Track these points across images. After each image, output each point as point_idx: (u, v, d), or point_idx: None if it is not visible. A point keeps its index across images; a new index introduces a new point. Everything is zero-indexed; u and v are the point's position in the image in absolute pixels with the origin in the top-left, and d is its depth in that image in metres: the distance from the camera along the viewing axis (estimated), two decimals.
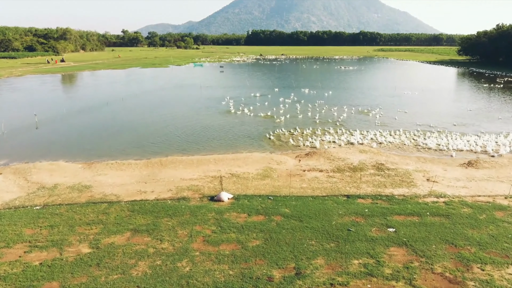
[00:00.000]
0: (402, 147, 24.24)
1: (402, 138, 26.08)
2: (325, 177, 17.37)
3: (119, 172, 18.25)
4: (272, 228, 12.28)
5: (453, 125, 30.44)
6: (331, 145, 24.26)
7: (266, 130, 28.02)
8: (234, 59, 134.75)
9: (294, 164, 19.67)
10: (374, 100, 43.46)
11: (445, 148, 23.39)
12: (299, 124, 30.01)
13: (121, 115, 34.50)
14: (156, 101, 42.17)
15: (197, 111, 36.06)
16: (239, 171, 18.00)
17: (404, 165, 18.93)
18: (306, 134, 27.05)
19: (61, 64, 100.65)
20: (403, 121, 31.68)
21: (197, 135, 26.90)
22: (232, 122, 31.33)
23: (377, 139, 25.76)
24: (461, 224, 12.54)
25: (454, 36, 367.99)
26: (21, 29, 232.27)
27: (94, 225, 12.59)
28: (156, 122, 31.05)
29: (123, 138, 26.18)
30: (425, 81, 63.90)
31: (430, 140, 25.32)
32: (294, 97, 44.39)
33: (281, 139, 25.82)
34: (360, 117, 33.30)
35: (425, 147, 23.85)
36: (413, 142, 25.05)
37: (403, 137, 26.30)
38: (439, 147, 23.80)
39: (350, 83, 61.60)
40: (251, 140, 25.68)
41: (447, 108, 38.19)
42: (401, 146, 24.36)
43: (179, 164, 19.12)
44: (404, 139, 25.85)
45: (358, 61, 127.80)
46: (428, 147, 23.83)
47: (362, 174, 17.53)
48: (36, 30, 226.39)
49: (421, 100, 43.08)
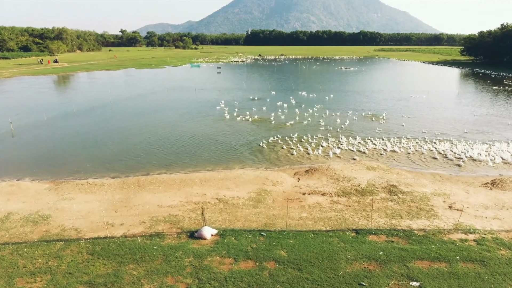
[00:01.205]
0: (413, 159, 21.72)
1: (412, 147, 23.56)
2: (328, 203, 14.76)
3: (88, 196, 15.63)
4: (263, 281, 9.68)
5: (464, 132, 27.94)
6: (334, 157, 21.67)
7: (262, 138, 25.43)
8: (232, 59, 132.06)
9: (293, 185, 17.07)
10: (379, 104, 40.85)
11: (461, 162, 20.88)
12: (298, 131, 27.43)
13: (106, 122, 31.87)
14: (145, 106, 39.55)
15: (189, 117, 33.45)
16: (227, 196, 15.38)
17: (420, 187, 16.32)
18: (306, 142, 24.46)
19: (54, 65, 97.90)
20: (411, 128, 29.08)
21: (185, 146, 24.29)
22: (225, 130, 28.73)
23: (384, 148, 23.21)
24: (501, 274, 9.95)
25: (455, 35, 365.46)
26: (17, 28, 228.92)
27: (39, 275, 9.99)
28: (142, 131, 28.43)
29: (103, 150, 23.56)
30: (429, 83, 61.28)
31: (443, 149, 23.23)
32: (293, 101, 41.80)
33: (278, 150, 23.22)
34: (365, 124, 30.70)
35: (439, 159, 21.35)
36: (424, 153, 22.58)
37: (413, 146, 23.77)
38: (454, 158, 21.51)
39: (352, 86, 58.97)
40: (245, 152, 23.08)
41: (456, 113, 35.60)
42: (412, 157, 21.82)
43: (159, 186, 16.50)
44: (414, 149, 23.33)
45: (359, 62, 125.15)
46: (442, 158, 21.35)
47: (372, 199, 14.94)
48: (32, 30, 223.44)
49: (429, 105, 40.49)
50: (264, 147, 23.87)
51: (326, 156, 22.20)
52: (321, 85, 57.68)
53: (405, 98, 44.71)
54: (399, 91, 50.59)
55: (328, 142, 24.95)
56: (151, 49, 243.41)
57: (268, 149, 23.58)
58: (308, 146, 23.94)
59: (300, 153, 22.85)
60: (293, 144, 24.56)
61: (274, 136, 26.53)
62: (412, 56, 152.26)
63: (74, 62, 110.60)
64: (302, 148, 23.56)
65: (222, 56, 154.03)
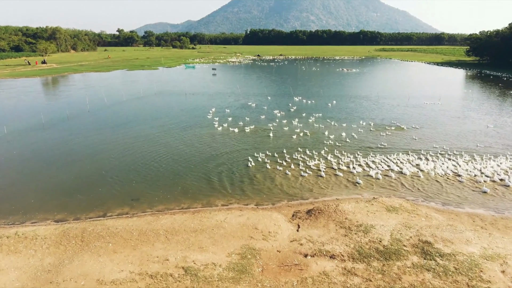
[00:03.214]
0: (441, 185, 17.58)
1: (437, 168, 19.48)
2: (340, 274, 10.47)
3: (8, 259, 11.32)
4: None
5: (488, 147, 23.68)
6: (342, 186, 17.38)
7: (254, 157, 21.14)
8: (229, 60, 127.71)
9: (290, 237, 12.78)
10: (389, 112, 36.55)
11: (500, 192, 16.73)
12: (298, 146, 23.14)
13: (75, 137, 27.50)
14: (126, 115, 35.20)
15: (173, 130, 29.14)
16: (199, 261, 11.06)
17: (463, 244, 12.02)
18: (307, 161, 20.18)
19: (42, 66, 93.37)
20: (430, 140, 24.77)
21: (161, 172, 19.97)
22: (212, 147, 24.42)
23: (403, 172, 18.98)
24: None
25: (456, 35, 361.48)
26: (11, 28, 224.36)
27: None
28: (114, 149, 24.09)
29: (59, 178, 19.22)
30: (439, 87, 57.00)
31: (468, 168, 19.36)
32: (291, 109, 37.50)
33: (272, 174, 18.93)
34: (377, 136, 26.35)
35: (468, 185, 17.22)
36: (449, 174, 18.76)
37: (439, 166, 19.66)
38: (484, 180, 17.84)
39: (355, 90, 54.58)
40: (233, 179, 18.79)
41: (477, 123, 31.30)
42: (439, 183, 17.64)
43: (109, 242, 12.17)
44: (440, 169, 19.26)
45: (360, 62, 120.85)
46: (470, 183, 17.23)
47: (401, 268, 10.65)
48: (27, 29, 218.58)
49: (447, 112, 36.21)
50: (256, 171, 19.59)
51: (331, 183, 17.93)
52: (322, 89, 53.36)
53: (418, 105, 40.39)
54: (408, 96, 46.28)
55: (333, 162, 20.66)
56: (148, 48, 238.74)
57: (261, 174, 19.30)
58: (308, 168, 19.64)
59: (299, 178, 18.58)
60: (290, 167, 20.25)
61: (269, 153, 22.25)
62: (415, 57, 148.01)
63: (64, 63, 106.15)
64: (303, 171, 19.27)
65: (220, 56, 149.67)
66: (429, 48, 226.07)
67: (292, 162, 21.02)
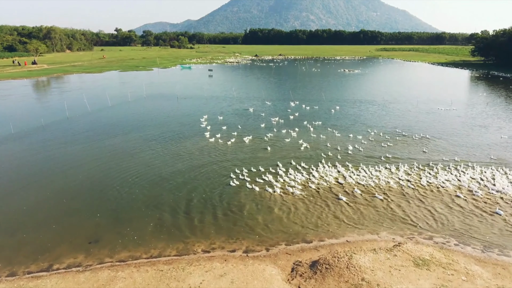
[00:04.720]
0: (472, 216, 14.15)
1: (463, 190, 15.94)
2: None
3: None
4: None
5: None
6: (351, 222, 13.99)
7: (245, 180, 17.76)
8: (227, 60, 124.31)
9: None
10: (400, 118, 33.15)
11: None
12: (298, 160, 19.76)
13: (43, 150, 24.06)
14: (108, 123, 31.76)
15: (156, 142, 25.73)
16: None
17: None
18: (308, 184, 16.80)
19: (31, 66, 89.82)
20: (455, 154, 21.36)
21: (131, 199, 16.56)
22: (198, 165, 21.00)
23: (432, 210, 15.56)
24: None
25: (457, 34, 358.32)
26: (6, 27, 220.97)
27: None
28: (82, 166, 20.68)
29: (6, 213, 15.82)
30: (448, 90, 53.64)
31: (501, 189, 15.52)
32: (291, 116, 34.11)
33: (265, 201, 15.55)
34: (392, 149, 22.92)
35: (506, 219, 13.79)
36: (480, 196, 15.22)
37: (465, 188, 16.14)
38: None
39: (359, 93, 51.11)
40: (217, 211, 15.40)
41: (497, 134, 27.92)
42: (468, 212, 14.19)
43: None
44: (468, 192, 15.74)
45: (362, 63, 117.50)
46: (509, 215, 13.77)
47: None
48: (23, 28, 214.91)
49: (465, 120, 32.84)
50: (248, 199, 16.21)
51: (338, 214, 14.53)
52: (323, 92, 49.91)
53: (431, 110, 37.00)
54: (416, 100, 42.88)
55: (338, 184, 17.27)
56: (145, 48, 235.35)
57: (254, 203, 15.93)
58: (310, 193, 16.25)
59: (299, 207, 15.20)
60: (288, 192, 16.85)
61: (264, 172, 18.84)
62: (417, 57, 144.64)
63: (56, 63, 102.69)
64: (304, 198, 15.87)
65: (218, 56, 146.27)
66: (430, 48, 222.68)
67: (291, 185, 17.63)
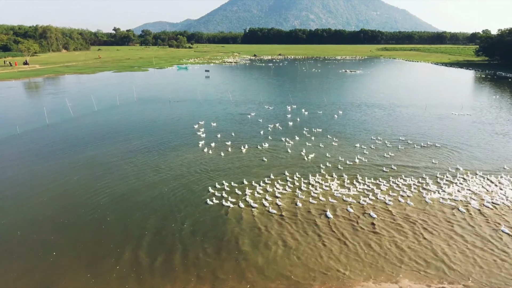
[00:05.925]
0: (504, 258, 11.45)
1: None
2: None
3: None
4: None
5: None
6: (360, 258, 11.31)
7: (239, 206, 15.09)
8: (226, 60, 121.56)
9: None
10: (409, 123, 30.46)
11: None
12: (300, 176, 17.08)
13: (11, 164, 21.35)
14: (90, 131, 29.01)
15: (140, 154, 23.01)
16: None
17: None
18: (310, 211, 14.14)
19: (23, 67, 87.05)
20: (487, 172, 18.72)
21: (99, 231, 13.86)
22: (186, 184, 18.29)
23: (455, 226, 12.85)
24: None
25: (458, 34, 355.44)
26: (3, 26, 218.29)
27: None
28: (51, 184, 17.99)
29: None
30: (457, 92, 50.99)
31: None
32: (290, 122, 31.41)
33: (263, 236, 12.88)
34: (407, 159, 20.22)
35: None
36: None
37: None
38: None
39: (362, 96, 48.30)
40: (201, 250, 12.72)
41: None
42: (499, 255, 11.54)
43: None
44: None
45: (363, 62, 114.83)
46: None
47: None
48: (19, 28, 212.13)
49: (484, 127, 30.17)
50: (243, 231, 13.53)
51: (351, 256, 11.88)
52: (324, 95, 47.17)
53: (446, 116, 34.33)
54: (425, 104, 40.16)
55: (348, 202, 14.60)
56: (143, 48, 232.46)
57: (250, 237, 13.26)
58: (315, 225, 13.58)
59: (303, 241, 12.54)
60: (289, 223, 14.17)
61: (260, 184, 16.14)
62: (419, 56, 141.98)
63: (50, 63, 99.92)
64: (311, 233, 13.20)
65: (216, 56, 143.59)
66: (432, 47, 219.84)
67: (293, 211, 14.93)
